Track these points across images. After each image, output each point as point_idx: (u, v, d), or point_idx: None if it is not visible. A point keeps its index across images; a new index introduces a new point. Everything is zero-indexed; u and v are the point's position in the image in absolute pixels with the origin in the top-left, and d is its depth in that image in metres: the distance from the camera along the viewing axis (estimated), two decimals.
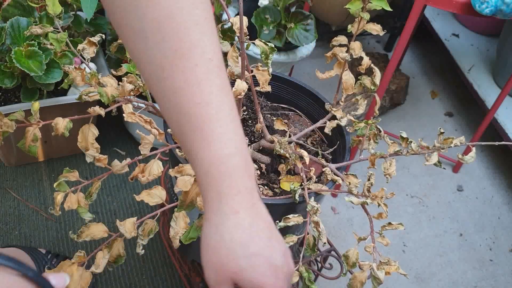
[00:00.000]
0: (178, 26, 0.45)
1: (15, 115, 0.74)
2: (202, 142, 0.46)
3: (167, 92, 0.47)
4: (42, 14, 1.03)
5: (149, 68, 0.47)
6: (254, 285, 0.45)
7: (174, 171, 0.66)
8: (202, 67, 0.46)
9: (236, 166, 0.46)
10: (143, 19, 0.45)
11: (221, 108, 0.47)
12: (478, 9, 1.05)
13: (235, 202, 0.46)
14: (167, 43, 0.45)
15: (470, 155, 0.76)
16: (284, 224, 0.73)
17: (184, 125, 0.47)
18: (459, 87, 1.87)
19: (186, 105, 0.46)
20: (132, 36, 0.47)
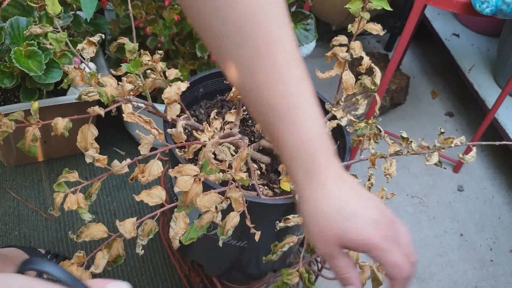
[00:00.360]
0: (257, 26, 0.49)
1: (15, 115, 0.74)
2: (289, 129, 0.51)
3: (251, 88, 0.51)
4: (42, 14, 1.03)
5: (234, 67, 0.51)
6: (359, 241, 0.50)
7: (174, 171, 0.66)
8: (282, 61, 0.50)
9: (319, 146, 0.52)
10: (226, 23, 0.49)
11: (300, 97, 0.51)
12: (478, 9, 1.05)
13: (322, 176, 0.51)
14: (249, 43, 0.49)
15: (471, 155, 0.75)
16: (284, 225, 0.73)
17: (271, 116, 0.51)
18: (460, 87, 1.86)
19: (270, 98, 0.50)
20: (216, 39, 0.51)
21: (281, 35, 0.50)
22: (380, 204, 0.53)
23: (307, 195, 0.52)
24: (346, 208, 0.50)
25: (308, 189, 0.52)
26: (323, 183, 0.51)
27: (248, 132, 0.93)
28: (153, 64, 0.79)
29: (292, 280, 0.71)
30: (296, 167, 0.52)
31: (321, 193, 0.51)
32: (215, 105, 0.97)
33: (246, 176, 0.68)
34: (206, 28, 0.51)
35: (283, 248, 0.71)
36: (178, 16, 1.14)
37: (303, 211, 0.53)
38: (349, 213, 0.50)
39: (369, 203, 0.52)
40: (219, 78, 0.97)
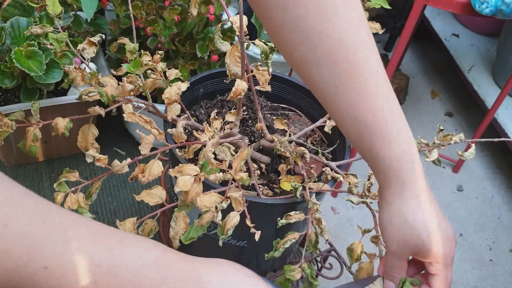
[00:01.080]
0: (347, 51, 0.51)
1: (15, 115, 0.74)
2: (382, 143, 0.54)
3: (342, 106, 0.54)
4: (42, 14, 1.03)
5: (323, 87, 0.54)
6: (433, 255, 0.55)
7: (174, 171, 0.66)
8: (372, 80, 0.53)
9: (412, 158, 0.55)
10: (315, 50, 0.52)
11: (392, 112, 0.54)
12: (478, 9, 1.05)
13: (416, 188, 0.55)
14: (339, 66, 0.52)
15: (470, 151, 0.76)
16: (285, 221, 0.73)
17: (362, 131, 0.55)
18: (459, 87, 1.87)
19: (362, 115, 0.54)
20: (305, 64, 0.54)
21: (369, 55, 0.52)
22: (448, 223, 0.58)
23: (398, 204, 0.56)
24: (431, 223, 0.55)
25: (401, 199, 0.56)
26: (416, 194, 0.55)
27: (248, 132, 0.94)
28: (153, 64, 0.79)
29: (295, 276, 0.71)
30: (391, 178, 0.56)
31: (412, 204, 0.55)
32: (215, 105, 0.97)
33: (246, 176, 0.69)
34: (296, 55, 0.54)
35: (285, 244, 0.71)
36: (178, 17, 1.15)
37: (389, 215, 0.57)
38: (432, 229, 0.55)
39: (445, 221, 0.57)
40: (219, 78, 0.97)
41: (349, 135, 0.57)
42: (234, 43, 0.76)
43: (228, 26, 1.15)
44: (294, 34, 0.52)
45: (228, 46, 0.78)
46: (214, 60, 1.20)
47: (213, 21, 1.20)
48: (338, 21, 0.51)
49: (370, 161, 0.57)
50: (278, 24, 0.53)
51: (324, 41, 0.51)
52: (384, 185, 0.57)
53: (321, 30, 0.51)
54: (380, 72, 0.53)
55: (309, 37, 0.51)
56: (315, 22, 0.50)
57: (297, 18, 0.51)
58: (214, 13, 1.18)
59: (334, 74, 0.52)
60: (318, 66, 0.53)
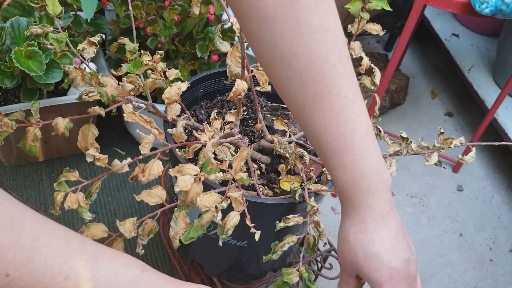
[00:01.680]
0: (316, 73, 0.52)
1: (15, 115, 0.74)
2: (339, 167, 0.57)
3: (308, 124, 0.56)
4: (42, 14, 1.03)
5: (293, 105, 0.57)
6: (370, 279, 0.57)
7: (174, 171, 0.66)
8: (338, 105, 0.54)
9: (370, 185, 0.57)
10: (287, 68, 0.53)
11: (353, 138, 0.55)
12: (478, 9, 1.06)
13: (363, 213, 0.58)
14: (308, 87, 0.53)
15: (470, 155, 0.76)
16: (284, 225, 0.73)
17: (323, 151, 0.57)
18: (459, 87, 1.87)
19: (323, 136, 0.56)
20: (278, 80, 0.56)
21: (338, 80, 0.53)
22: (410, 257, 0.59)
23: (346, 225, 0.60)
24: (372, 248, 0.57)
25: (349, 220, 0.59)
26: (362, 219, 0.58)
27: (248, 132, 0.94)
28: (153, 64, 0.79)
29: (292, 279, 0.71)
30: (344, 200, 0.60)
31: (357, 227, 0.58)
32: (215, 105, 0.97)
33: (246, 176, 0.69)
34: (273, 70, 0.56)
35: (283, 247, 0.71)
36: (178, 17, 1.15)
37: (339, 234, 0.61)
38: (373, 253, 0.57)
39: (398, 251, 0.58)
40: (219, 78, 0.97)
41: (314, 148, 0.60)
42: (234, 43, 0.76)
43: (228, 26, 1.15)
44: (270, 50, 0.53)
45: (228, 46, 0.78)
46: (214, 60, 1.20)
47: (213, 21, 1.20)
48: (311, 43, 0.51)
49: (332, 178, 0.60)
50: (256, 38, 0.53)
51: (296, 61, 0.52)
52: (343, 205, 0.61)
53: (294, 50, 0.51)
54: (348, 97, 0.54)
55: (283, 55, 0.52)
56: (289, 41, 0.51)
57: (273, 34, 0.51)
58: (214, 13, 1.18)
59: (302, 94, 0.54)
60: (290, 84, 0.54)
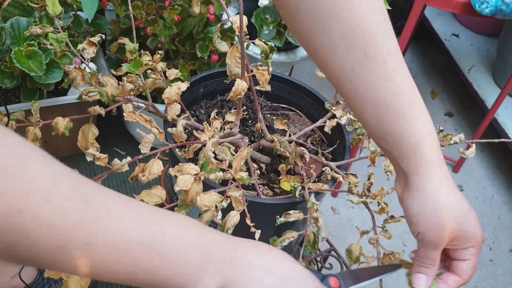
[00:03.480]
0: (363, 34, 0.51)
1: (15, 115, 0.74)
2: (407, 124, 0.52)
3: (360, 89, 0.53)
4: (42, 14, 1.03)
5: (339, 71, 0.53)
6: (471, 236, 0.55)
7: (174, 170, 0.66)
8: (391, 63, 0.52)
9: (436, 139, 0.54)
10: (331, 33, 0.51)
11: (413, 93, 0.53)
12: (478, 9, 1.06)
13: (443, 171, 0.54)
14: (356, 49, 0.51)
15: (471, 150, 0.76)
16: (284, 220, 0.73)
17: (382, 113, 0.53)
18: (459, 87, 1.87)
19: (382, 97, 0.52)
20: (321, 48, 0.53)
21: (386, 38, 0.52)
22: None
23: (431, 189, 0.53)
24: (465, 205, 0.54)
25: (433, 183, 0.53)
26: (445, 176, 0.54)
27: (248, 132, 0.94)
28: (153, 64, 0.79)
29: None
30: (419, 161, 0.53)
31: (445, 186, 0.53)
32: (215, 105, 0.97)
33: (246, 176, 0.69)
34: (312, 39, 0.53)
35: (283, 242, 0.71)
36: (178, 17, 1.15)
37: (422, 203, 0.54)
38: (467, 210, 0.54)
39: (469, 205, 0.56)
40: (219, 78, 0.97)
41: (367, 120, 0.55)
42: (234, 43, 0.76)
43: (228, 26, 1.15)
44: (310, 19, 0.52)
45: (226, 46, 0.78)
46: (214, 60, 1.20)
47: (213, 21, 1.20)
48: (354, 5, 0.50)
49: (391, 145, 0.54)
50: (293, 10, 0.52)
51: (340, 25, 0.51)
52: (410, 171, 0.54)
53: (336, 14, 0.50)
54: (398, 55, 0.53)
55: (324, 21, 0.51)
56: (330, 6, 0.50)
57: (312, 2, 0.51)
58: (214, 13, 1.18)
59: (350, 57, 0.52)
60: (334, 49, 0.52)
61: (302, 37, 0.55)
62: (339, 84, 0.55)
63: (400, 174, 0.56)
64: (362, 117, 0.55)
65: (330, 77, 0.56)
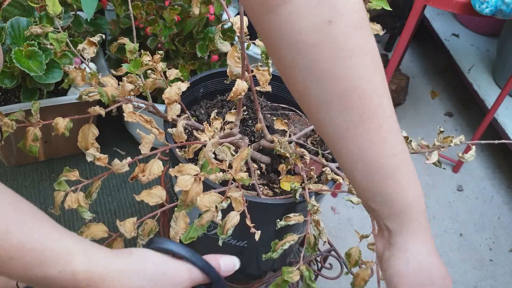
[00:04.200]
0: (360, 95, 0.51)
1: (16, 115, 0.74)
2: (397, 188, 0.54)
3: (353, 149, 0.53)
4: (42, 14, 1.03)
5: (333, 129, 0.53)
6: None
7: (175, 170, 0.66)
8: (386, 126, 0.52)
9: (422, 207, 0.55)
10: (326, 92, 0.51)
11: (404, 156, 0.54)
12: (478, 9, 1.05)
13: (428, 233, 0.56)
14: (352, 110, 0.51)
15: (470, 154, 0.76)
16: (285, 223, 0.73)
17: (373, 174, 0.54)
18: (459, 87, 1.87)
19: (373, 159, 0.53)
20: (315, 105, 0.53)
21: (383, 101, 0.52)
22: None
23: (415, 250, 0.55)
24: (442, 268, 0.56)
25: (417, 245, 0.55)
26: (429, 239, 0.56)
27: (248, 132, 0.94)
28: (153, 64, 0.79)
29: (293, 278, 0.71)
30: (406, 223, 0.55)
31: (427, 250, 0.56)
32: (215, 105, 0.97)
33: (246, 176, 0.69)
34: (307, 94, 0.53)
35: (284, 246, 0.71)
36: (178, 17, 1.15)
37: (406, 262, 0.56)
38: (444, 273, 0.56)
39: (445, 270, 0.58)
40: (219, 78, 0.97)
41: (357, 178, 0.55)
42: (234, 43, 0.76)
43: (228, 26, 1.15)
44: (306, 75, 0.51)
45: (228, 46, 0.78)
46: (214, 60, 1.20)
47: (213, 21, 1.20)
48: (352, 66, 0.49)
49: (380, 205, 0.56)
50: (289, 64, 0.51)
51: (337, 85, 0.50)
52: (396, 231, 0.56)
53: (334, 73, 0.50)
54: (393, 118, 0.53)
55: (321, 80, 0.50)
56: (328, 65, 0.49)
57: (309, 59, 0.50)
58: (214, 13, 1.18)
59: (346, 118, 0.52)
60: (329, 108, 0.52)
61: (296, 90, 0.54)
62: (330, 142, 0.55)
63: (384, 232, 0.58)
64: (352, 175, 0.56)
65: (321, 133, 0.56)
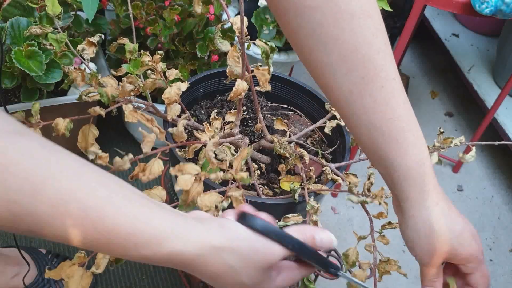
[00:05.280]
0: (363, 57, 0.51)
1: (16, 116, 0.74)
2: (399, 151, 0.53)
3: (356, 112, 0.53)
4: (42, 14, 1.03)
5: (337, 92, 0.54)
6: (467, 256, 0.55)
7: (175, 170, 0.66)
8: (388, 87, 0.52)
9: (429, 166, 0.54)
10: (330, 54, 0.52)
11: (409, 119, 0.54)
12: (478, 9, 1.06)
13: (434, 196, 0.54)
14: (354, 72, 0.52)
15: (470, 154, 0.76)
16: (283, 224, 0.73)
17: (377, 138, 0.54)
18: (459, 87, 1.87)
19: (377, 121, 0.53)
20: (320, 68, 0.53)
21: (385, 63, 0.52)
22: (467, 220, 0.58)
23: (420, 215, 0.55)
24: (457, 226, 0.55)
25: (422, 209, 0.54)
26: (436, 202, 0.54)
27: (248, 132, 0.94)
28: (153, 65, 0.79)
29: None
30: (408, 188, 0.54)
31: (435, 212, 0.54)
32: (215, 105, 0.97)
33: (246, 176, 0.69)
34: (312, 58, 0.53)
35: None
36: (178, 17, 1.15)
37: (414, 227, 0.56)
38: (460, 231, 0.55)
39: (464, 220, 0.57)
40: (219, 78, 0.97)
41: (363, 142, 0.56)
42: (234, 43, 0.76)
43: (228, 26, 1.15)
44: (311, 39, 0.52)
45: (228, 46, 0.78)
46: (214, 60, 1.20)
47: (213, 21, 1.20)
48: (355, 28, 0.50)
49: (385, 169, 0.56)
50: (295, 28, 0.53)
51: (340, 47, 0.51)
52: (402, 197, 0.56)
53: (337, 36, 0.51)
54: (396, 80, 0.53)
55: (325, 42, 0.51)
56: (331, 28, 0.50)
57: (313, 23, 0.51)
58: (214, 13, 1.18)
59: (349, 80, 0.52)
60: (334, 71, 0.53)
61: (303, 56, 0.55)
62: (337, 105, 0.56)
63: (395, 199, 0.58)
64: (359, 139, 0.56)
65: (328, 96, 0.56)
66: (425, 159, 0.54)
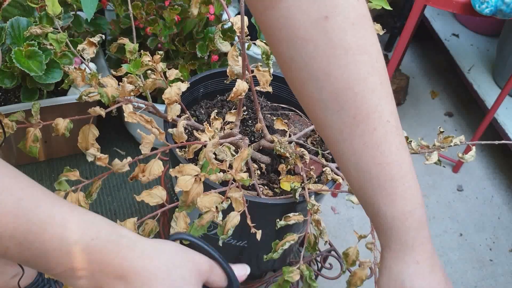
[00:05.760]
0: (355, 95, 0.48)
1: (16, 116, 0.74)
2: (386, 199, 0.50)
3: (346, 153, 0.51)
4: (42, 14, 1.03)
5: (328, 130, 0.51)
6: None
7: (175, 171, 0.66)
8: (380, 130, 0.49)
9: (417, 220, 0.51)
10: (322, 91, 0.49)
11: (401, 167, 0.50)
12: (478, 9, 1.05)
13: (417, 253, 0.52)
14: (345, 111, 0.49)
15: (470, 154, 0.76)
16: (284, 223, 0.73)
17: (365, 182, 0.51)
18: (459, 87, 1.87)
19: (366, 165, 0.50)
20: (312, 104, 0.51)
21: (380, 103, 0.49)
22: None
23: (396, 269, 0.53)
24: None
25: (400, 264, 0.52)
26: (417, 260, 0.52)
27: (248, 132, 0.94)
28: (153, 65, 0.79)
29: (293, 277, 0.71)
30: (390, 238, 0.52)
31: (411, 270, 0.52)
32: (216, 105, 0.97)
33: (246, 176, 0.69)
34: (304, 93, 0.51)
35: (284, 246, 0.71)
36: (178, 17, 1.15)
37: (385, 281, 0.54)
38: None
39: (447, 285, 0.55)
40: (219, 78, 0.97)
41: (351, 183, 0.53)
42: (234, 43, 0.76)
43: (229, 26, 1.15)
44: (302, 72, 0.49)
45: (228, 46, 0.78)
46: (214, 60, 1.20)
47: (213, 21, 1.20)
48: (348, 64, 0.47)
49: (372, 216, 0.53)
50: (287, 60, 0.50)
51: (332, 83, 0.48)
52: (384, 246, 0.54)
53: (329, 71, 0.48)
54: (391, 123, 0.50)
55: (316, 77, 0.49)
56: (324, 63, 0.48)
57: (305, 56, 0.48)
58: (214, 13, 1.18)
59: (340, 118, 0.49)
60: (325, 107, 0.50)
61: (295, 88, 0.53)
62: (327, 142, 0.53)
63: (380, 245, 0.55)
64: (347, 179, 0.54)
65: (319, 132, 0.54)
66: (414, 211, 0.51)
